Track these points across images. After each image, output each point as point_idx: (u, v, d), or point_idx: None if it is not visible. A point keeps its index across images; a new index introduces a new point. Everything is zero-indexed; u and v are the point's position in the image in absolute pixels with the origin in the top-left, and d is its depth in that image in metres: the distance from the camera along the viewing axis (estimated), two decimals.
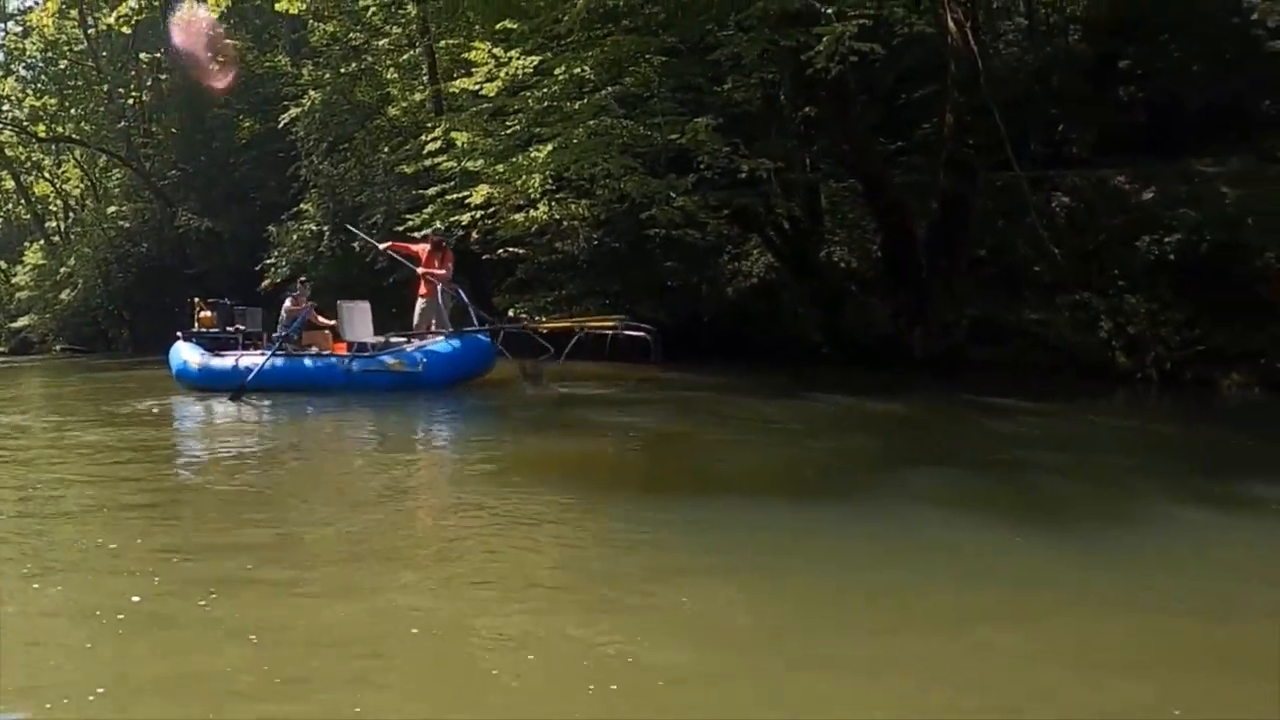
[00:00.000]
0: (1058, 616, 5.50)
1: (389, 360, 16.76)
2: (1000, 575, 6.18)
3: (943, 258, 19.66)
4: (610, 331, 16.97)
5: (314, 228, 27.58)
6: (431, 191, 20.74)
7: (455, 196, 19.91)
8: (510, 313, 20.76)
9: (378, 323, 18.39)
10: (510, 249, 21.14)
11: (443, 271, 17.91)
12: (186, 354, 18.41)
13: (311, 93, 27.07)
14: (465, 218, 19.79)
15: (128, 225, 41.44)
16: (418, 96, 24.72)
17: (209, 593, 5.70)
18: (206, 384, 17.79)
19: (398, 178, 24.14)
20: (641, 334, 16.57)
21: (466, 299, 17.95)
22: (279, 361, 17.22)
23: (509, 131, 18.72)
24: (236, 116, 38.19)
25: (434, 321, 17.77)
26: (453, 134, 19.67)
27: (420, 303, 18.00)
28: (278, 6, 21.68)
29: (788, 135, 20.81)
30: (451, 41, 22.06)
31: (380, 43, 25.71)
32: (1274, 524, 7.66)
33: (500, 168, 18.45)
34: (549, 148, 17.38)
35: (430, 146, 20.05)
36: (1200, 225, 17.11)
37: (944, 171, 19.88)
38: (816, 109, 20.94)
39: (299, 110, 27.24)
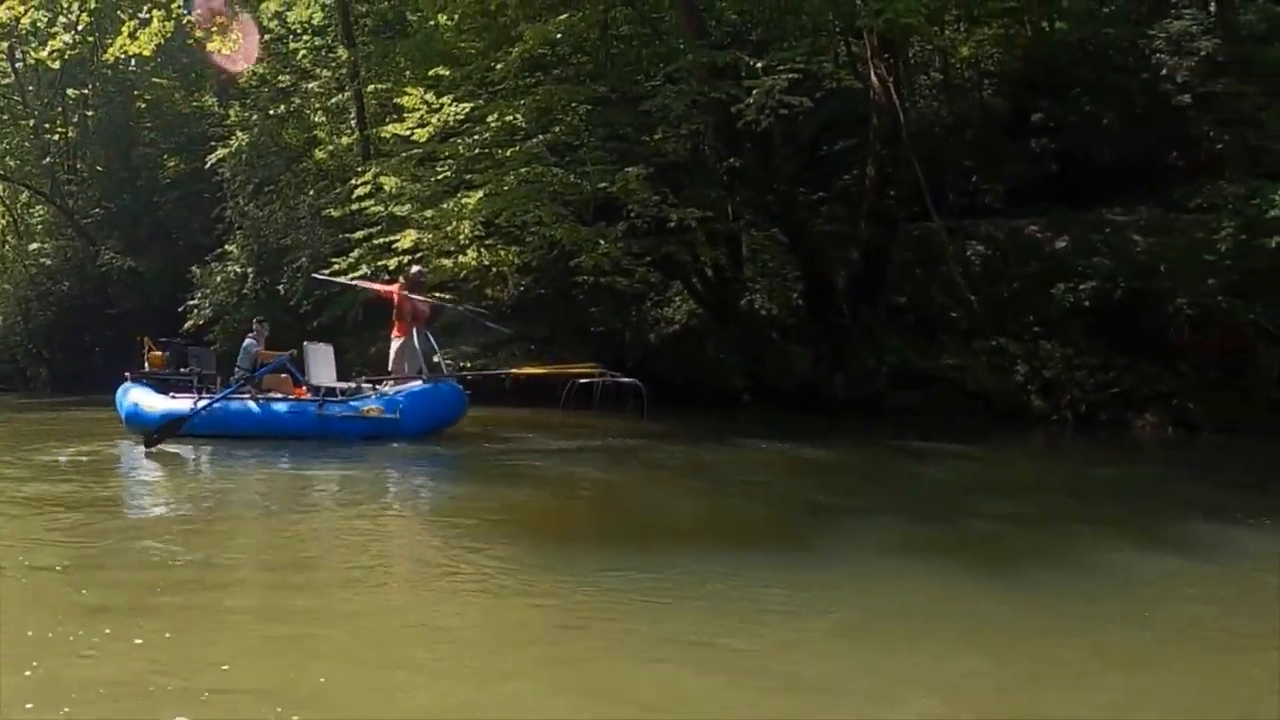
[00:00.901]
0: (1009, 649, 5.68)
1: (364, 406, 15.40)
2: (953, 613, 6.32)
3: (863, 305, 19.88)
4: (597, 380, 15.70)
5: (238, 269, 27.26)
6: (358, 235, 20.54)
7: (382, 240, 19.68)
8: (435, 359, 20.62)
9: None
10: (437, 294, 21.06)
11: (425, 308, 16.95)
12: (138, 396, 16.60)
13: (239, 134, 26.90)
14: (392, 262, 19.52)
15: (49, 263, 40.65)
16: (345, 140, 24.65)
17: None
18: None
19: (323, 221, 24.00)
20: (616, 383, 15.58)
21: (434, 343, 16.91)
22: (245, 406, 15.83)
23: (439, 177, 18.66)
24: (162, 155, 37.82)
25: (407, 365, 16.60)
26: (381, 179, 19.57)
27: (395, 344, 16.80)
28: (210, 47, 21.47)
29: (713, 185, 20.98)
30: (381, 86, 22.05)
31: (310, 85, 25.62)
32: (1202, 558, 8.01)
33: (429, 213, 18.28)
34: (480, 194, 17.25)
35: (360, 190, 19.90)
36: (1114, 273, 17.49)
37: (865, 221, 20.11)
38: (741, 160, 21.18)
39: (226, 151, 27.03)
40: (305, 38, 24.69)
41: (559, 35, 17.93)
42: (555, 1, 18.87)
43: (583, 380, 15.66)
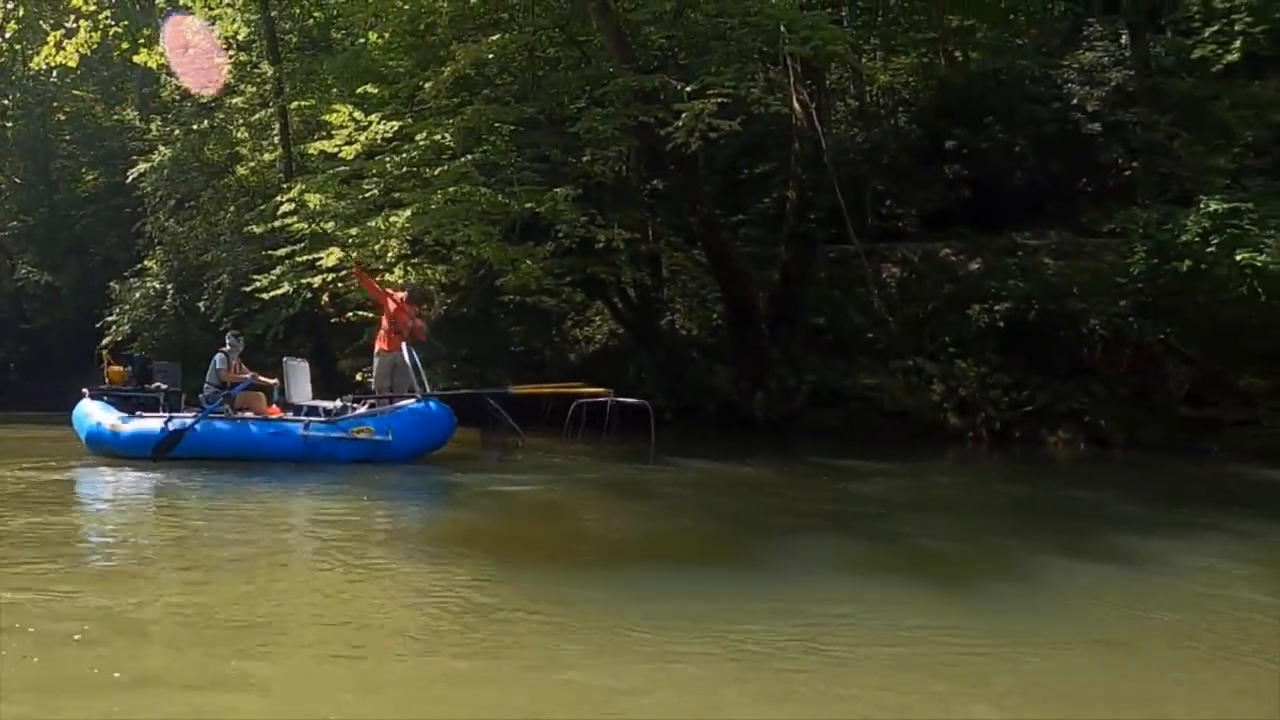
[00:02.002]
0: (958, 657, 5.78)
1: (354, 427, 14.20)
2: (900, 625, 6.36)
3: (782, 326, 19.97)
4: (605, 401, 14.90)
5: (157, 285, 26.83)
6: (281, 252, 20.18)
7: (306, 258, 19.30)
8: (358, 377, 20.37)
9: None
10: (361, 313, 20.80)
11: (420, 323, 15.87)
12: (100, 415, 15.09)
13: (162, 148, 26.52)
14: (316, 280, 19.16)
15: None
16: (268, 157, 24.38)
17: None
18: (130, 450, 14.44)
19: (245, 237, 23.66)
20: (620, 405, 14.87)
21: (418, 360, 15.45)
22: (221, 425, 14.48)
23: (365, 195, 18.47)
24: (80, 169, 37.20)
25: (396, 382, 15.38)
26: (306, 196, 19.29)
27: (383, 360, 15.61)
28: (136, 59, 21.20)
29: (636, 206, 21.03)
30: (305, 104, 21.83)
31: (233, 101, 25.33)
32: (1133, 570, 8.24)
33: (354, 231, 17.97)
34: (407, 212, 17.00)
35: (285, 207, 19.62)
36: (1028, 294, 17.74)
37: (786, 244, 20.25)
38: (664, 182, 21.26)
39: (147, 166, 26.60)
40: (230, 53, 24.36)
41: (490, 56, 17.86)
42: (485, 23, 18.85)
43: (588, 402, 15.08)
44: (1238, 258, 15.10)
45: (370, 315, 19.94)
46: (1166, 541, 9.35)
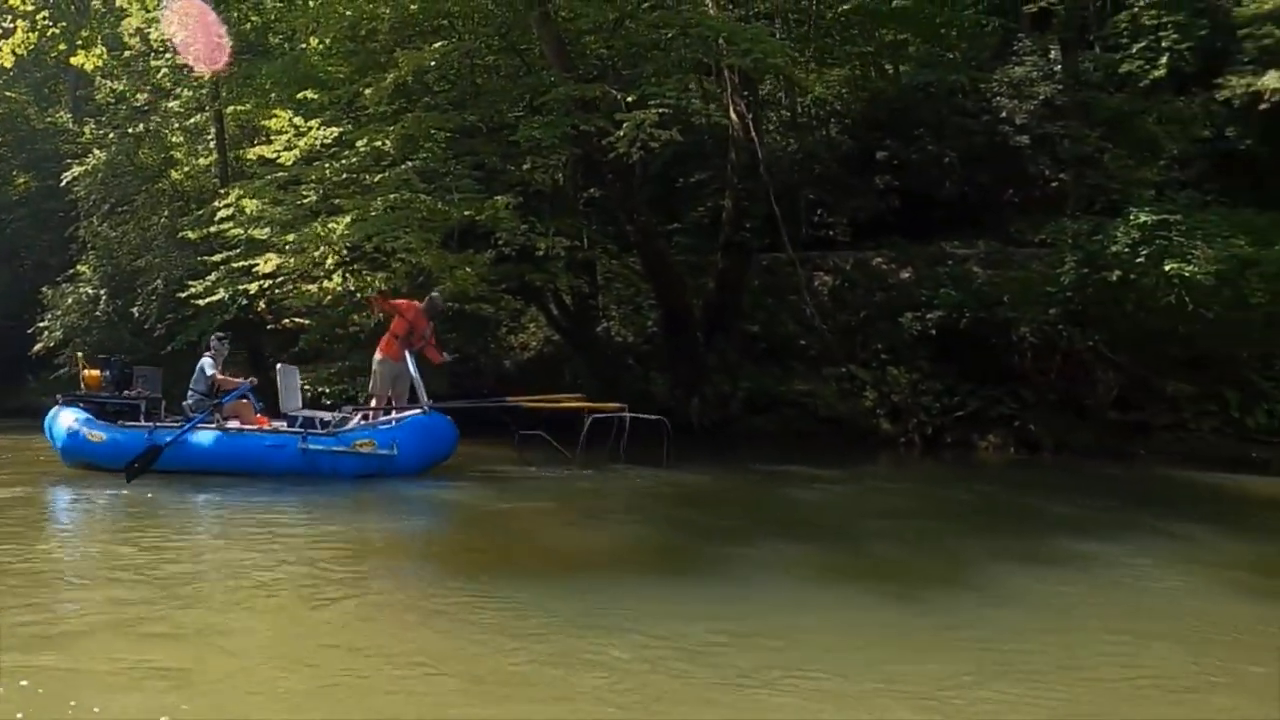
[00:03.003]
0: (913, 656, 6.03)
1: (356, 440, 13.39)
2: (863, 628, 6.62)
3: (718, 333, 20.03)
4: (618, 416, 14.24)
5: (90, 291, 26.40)
6: (217, 258, 19.89)
7: (242, 264, 18.86)
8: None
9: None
10: (296, 319, 20.58)
11: (434, 353, 15.12)
12: (76, 423, 13.96)
13: (96, 151, 26.14)
14: (253, 286, 18.65)
15: None
16: (203, 161, 24.11)
17: None
18: (111, 461, 13.28)
19: (179, 243, 23.36)
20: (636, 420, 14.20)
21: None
22: (213, 438, 13.48)
23: (305, 201, 18.28)
24: (12, 172, 36.54)
25: (395, 391, 14.66)
26: (243, 201, 19.06)
27: (386, 367, 14.68)
28: (73, 60, 20.86)
29: (572, 214, 21.05)
30: (241, 108, 21.62)
31: (170, 104, 25.02)
32: (1078, 571, 8.55)
33: (291, 237, 17.65)
34: (347, 219, 16.72)
35: (222, 213, 19.37)
36: (960, 303, 17.91)
37: (722, 252, 20.31)
38: (600, 190, 21.29)
39: (81, 169, 26.23)
40: (167, 56, 24.02)
41: (432, 63, 17.80)
42: (427, 29, 18.82)
43: (600, 417, 14.33)
44: (1166, 268, 15.40)
45: (305, 322, 19.80)
46: (1104, 543, 9.85)
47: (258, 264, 18.22)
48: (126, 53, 24.39)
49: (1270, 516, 12.13)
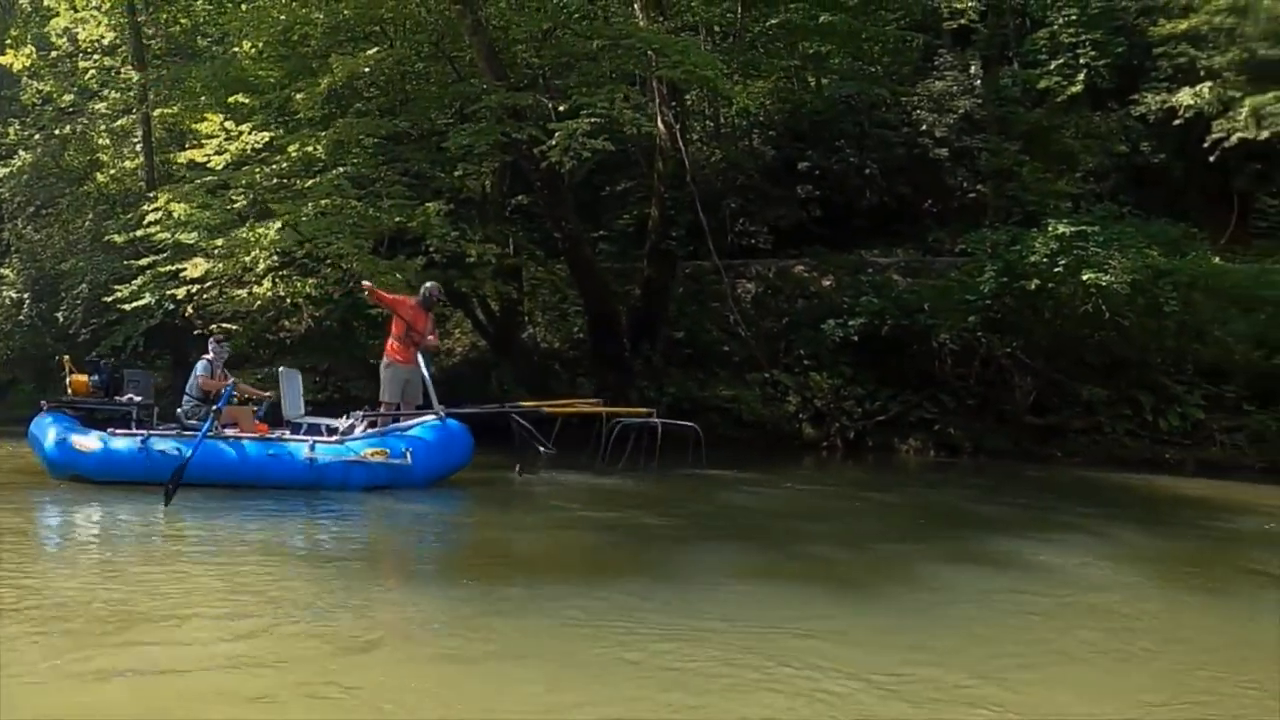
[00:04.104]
0: (870, 660, 6.18)
1: (367, 449, 12.61)
2: (800, 627, 6.77)
3: (643, 339, 20.10)
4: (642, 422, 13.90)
5: (14, 295, 25.98)
6: (143, 262, 19.60)
7: (169, 268, 18.51)
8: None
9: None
10: (224, 325, 20.43)
11: (433, 338, 14.77)
12: (64, 432, 12.89)
13: (21, 153, 25.82)
14: (180, 291, 18.32)
15: None
16: (129, 164, 23.94)
17: None
18: (104, 474, 12.45)
19: (104, 246, 23.13)
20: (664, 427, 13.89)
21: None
22: (214, 448, 12.39)
23: (235, 205, 18.18)
24: None
25: (405, 396, 13.86)
26: (171, 205, 18.89)
27: (394, 372, 13.92)
28: (1, 60, 20.71)
29: (500, 220, 21.19)
30: (168, 111, 21.48)
31: (97, 106, 24.80)
32: (1016, 571, 8.89)
33: (220, 242, 17.36)
34: (277, 224, 16.57)
35: (151, 217, 19.20)
36: (881, 310, 18.19)
37: (648, 259, 20.45)
38: (528, 197, 21.46)
39: (5, 171, 25.77)
40: (95, 57, 23.79)
41: (366, 70, 17.87)
42: (359, 35, 18.87)
43: (628, 423, 13.85)
44: (1084, 278, 15.80)
45: (233, 328, 19.70)
46: (1029, 541, 10.32)
47: (185, 268, 18.03)
48: (54, 53, 24.14)
49: (1184, 514, 12.42)
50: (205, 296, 18.81)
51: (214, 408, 12.64)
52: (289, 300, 19.04)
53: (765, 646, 6.25)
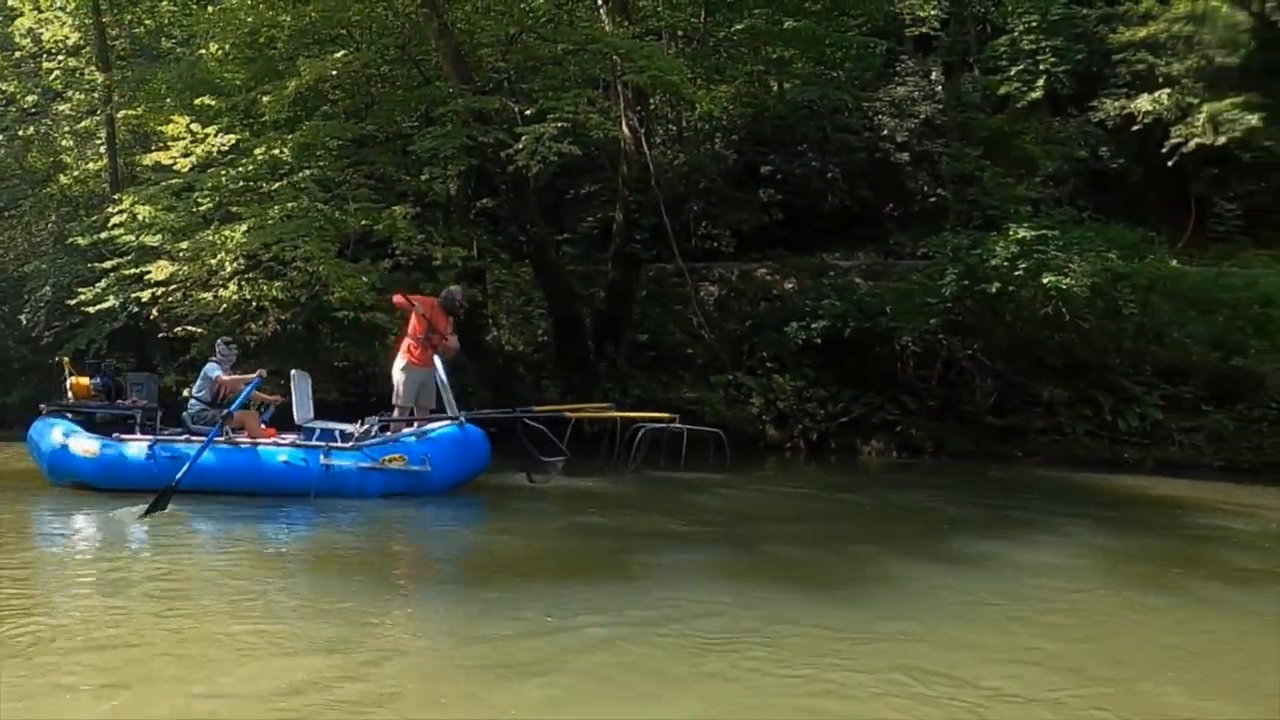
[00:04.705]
0: (836, 657, 6.35)
1: (385, 455, 12.27)
2: (770, 629, 6.91)
3: (607, 341, 20.14)
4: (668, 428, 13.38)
5: None
6: (107, 265, 19.50)
7: (133, 271, 18.37)
8: (185, 392, 19.74)
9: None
10: (188, 328, 20.34)
11: (453, 339, 14.13)
12: (64, 436, 12.50)
13: None
14: (145, 294, 18.14)
15: None
16: (93, 166, 23.87)
17: None
18: (109, 481, 12.01)
19: (68, 249, 23.01)
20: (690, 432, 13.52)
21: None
22: (226, 453, 12.14)
23: (201, 208, 18.10)
24: None
25: (418, 400, 13.57)
26: (136, 207, 18.80)
27: (410, 374, 13.58)
28: None
29: (465, 223, 21.25)
30: (133, 112, 21.41)
31: (61, 108, 24.68)
32: (982, 569, 9.13)
33: (185, 244, 17.31)
34: (243, 227, 16.52)
35: (116, 219, 19.14)
36: (844, 313, 18.30)
37: (613, 262, 20.51)
38: (493, 200, 21.53)
39: None
40: (60, 58, 23.66)
41: (334, 72, 17.88)
42: (325, 39, 18.91)
43: (651, 428, 13.37)
44: (1044, 281, 15.97)
45: (197, 331, 19.63)
46: (995, 540, 10.54)
47: (150, 271, 17.93)
48: (18, 54, 24.04)
49: (1144, 512, 12.63)
50: (170, 299, 18.66)
51: (224, 411, 12.23)
52: (255, 303, 18.89)
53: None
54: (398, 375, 13.59)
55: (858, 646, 6.53)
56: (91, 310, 19.23)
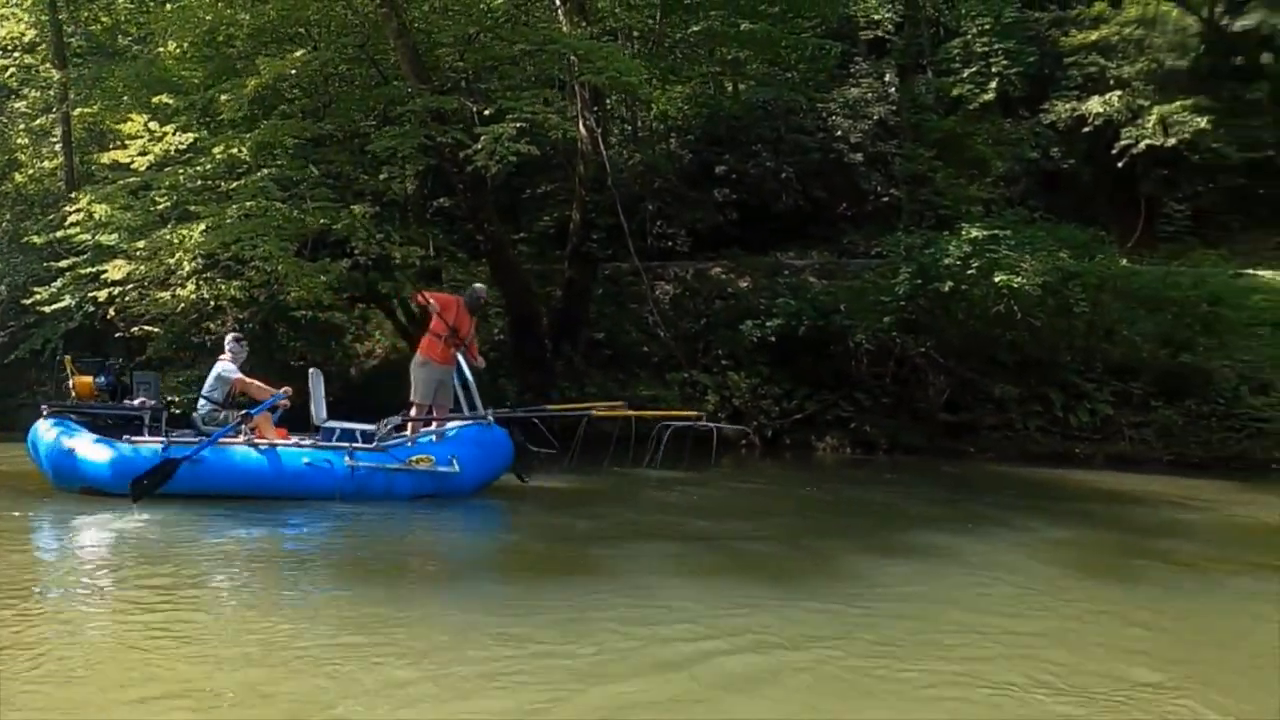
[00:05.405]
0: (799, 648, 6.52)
1: (412, 456, 11.93)
2: (745, 630, 6.95)
3: (564, 340, 20.22)
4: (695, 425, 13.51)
5: None
6: (64, 264, 19.08)
7: (90, 270, 18.25)
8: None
9: None
10: (145, 327, 20.19)
11: (474, 349, 13.80)
12: (70, 439, 11.96)
13: None
14: (102, 294, 18.01)
15: None
16: (49, 164, 23.72)
17: None
18: (121, 485, 11.32)
19: (22, 248, 22.84)
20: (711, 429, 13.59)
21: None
22: (244, 454, 11.71)
23: (158, 207, 17.90)
24: None
25: (437, 399, 13.22)
26: (93, 206, 18.67)
27: (429, 371, 13.21)
28: None
29: (422, 223, 21.30)
30: (88, 110, 21.28)
31: (16, 105, 24.47)
32: (944, 563, 9.33)
33: (141, 244, 17.16)
34: (201, 226, 16.33)
35: (72, 218, 19.00)
36: (798, 312, 18.42)
37: (570, 261, 20.59)
38: (450, 199, 21.56)
39: None
40: (15, 55, 23.48)
41: (293, 71, 17.84)
42: (284, 37, 18.85)
43: (678, 426, 13.25)
44: (996, 279, 16.15)
45: (154, 330, 19.50)
46: (969, 539, 10.43)
47: (107, 270, 17.69)
48: None
49: (1095, 506, 12.92)
50: (127, 299, 18.54)
51: (245, 412, 11.91)
52: (212, 303, 18.83)
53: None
54: (416, 371, 13.28)
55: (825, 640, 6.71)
56: (47, 310, 19.07)
